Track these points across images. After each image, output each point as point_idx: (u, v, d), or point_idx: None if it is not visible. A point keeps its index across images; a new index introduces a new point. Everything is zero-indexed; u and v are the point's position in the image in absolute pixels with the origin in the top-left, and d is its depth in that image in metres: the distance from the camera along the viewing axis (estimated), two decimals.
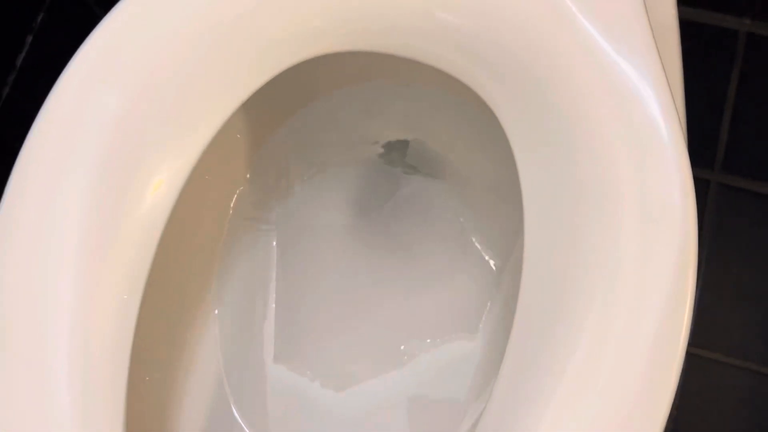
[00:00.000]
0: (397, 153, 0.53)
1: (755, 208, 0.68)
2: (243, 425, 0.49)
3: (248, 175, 0.51)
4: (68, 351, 0.30)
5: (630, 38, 0.33)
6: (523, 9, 0.33)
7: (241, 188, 0.50)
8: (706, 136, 0.71)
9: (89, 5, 0.71)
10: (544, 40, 0.33)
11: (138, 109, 0.30)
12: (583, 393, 0.30)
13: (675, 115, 0.31)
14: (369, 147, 0.53)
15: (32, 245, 0.30)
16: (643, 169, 0.32)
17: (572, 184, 0.33)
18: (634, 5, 0.32)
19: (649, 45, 0.32)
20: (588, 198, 0.33)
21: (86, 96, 0.31)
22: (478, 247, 0.50)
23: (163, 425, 0.44)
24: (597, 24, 0.33)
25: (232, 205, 0.50)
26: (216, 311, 0.49)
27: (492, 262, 0.48)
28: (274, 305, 0.51)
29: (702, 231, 0.68)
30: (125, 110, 0.30)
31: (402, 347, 0.49)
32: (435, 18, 0.32)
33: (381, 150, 0.53)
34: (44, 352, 0.30)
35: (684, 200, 0.31)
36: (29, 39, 0.64)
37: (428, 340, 0.49)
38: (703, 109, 0.71)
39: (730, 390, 0.65)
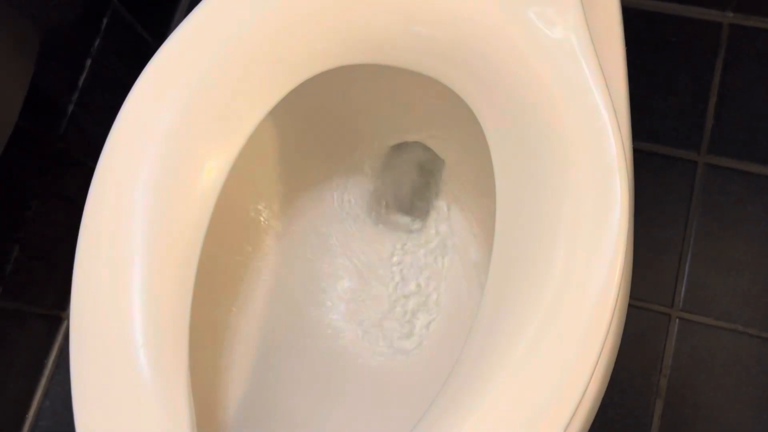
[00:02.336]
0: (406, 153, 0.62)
1: (739, 185, 0.74)
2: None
3: (278, 172, 0.60)
4: (141, 303, 0.39)
5: (574, 39, 0.40)
6: (486, 17, 0.41)
7: (273, 181, 0.60)
8: (694, 121, 0.77)
9: (138, 31, 0.80)
10: (507, 42, 0.41)
11: (188, 120, 0.39)
12: (552, 324, 0.37)
13: (610, 104, 0.39)
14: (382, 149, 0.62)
15: (112, 223, 0.40)
16: (590, 144, 0.39)
17: (535, 159, 0.40)
18: (575, 13, 0.40)
19: (588, 45, 0.40)
20: (549, 172, 0.40)
21: (148, 110, 0.40)
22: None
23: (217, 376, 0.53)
24: (549, 27, 0.41)
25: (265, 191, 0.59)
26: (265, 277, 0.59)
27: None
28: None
29: (690, 207, 0.75)
30: (179, 120, 0.39)
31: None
32: (410, 31, 0.41)
33: (394, 151, 0.62)
34: (120, 301, 0.39)
35: (620, 171, 0.39)
36: (88, 62, 0.73)
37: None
38: (690, 96, 0.78)
39: (718, 350, 0.71)
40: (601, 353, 0.36)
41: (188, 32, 0.40)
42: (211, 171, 0.40)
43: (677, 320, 0.72)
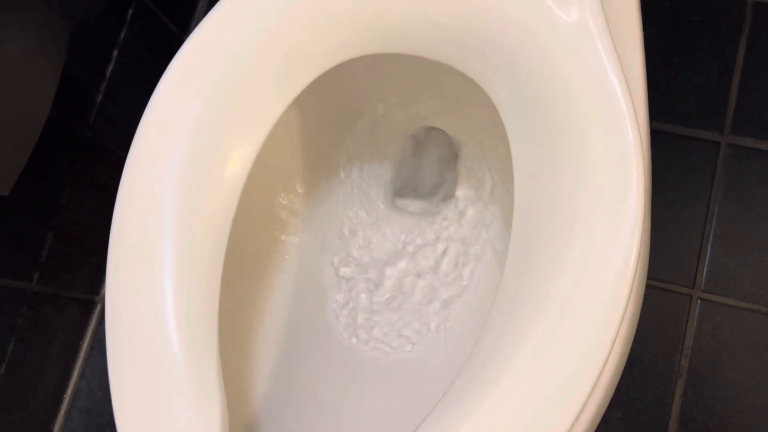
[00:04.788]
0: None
1: (762, 165, 0.74)
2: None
3: (301, 160, 0.62)
4: (171, 289, 0.41)
5: (591, 24, 0.41)
6: (502, 3, 0.41)
7: (296, 168, 0.61)
8: (717, 101, 0.76)
9: (163, 21, 0.82)
10: (524, 28, 0.41)
11: (214, 112, 0.41)
12: (569, 310, 0.38)
13: (627, 90, 0.39)
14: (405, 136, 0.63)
15: (143, 214, 0.41)
16: (607, 131, 0.40)
17: (553, 146, 0.41)
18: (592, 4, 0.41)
19: (604, 28, 0.40)
20: (567, 159, 0.41)
21: (175, 103, 0.41)
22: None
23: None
24: (565, 12, 0.41)
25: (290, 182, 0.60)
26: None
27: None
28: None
29: (713, 188, 0.74)
30: (205, 113, 0.41)
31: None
32: (430, 21, 0.42)
33: (413, 137, 0.63)
34: (152, 288, 0.41)
35: (636, 158, 0.39)
36: (115, 53, 0.75)
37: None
38: (713, 76, 0.77)
39: (740, 330, 0.71)
40: (616, 337, 0.37)
41: (212, 27, 0.42)
42: (237, 161, 0.42)
43: (699, 301, 0.72)
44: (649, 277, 0.72)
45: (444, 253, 0.61)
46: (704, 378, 0.70)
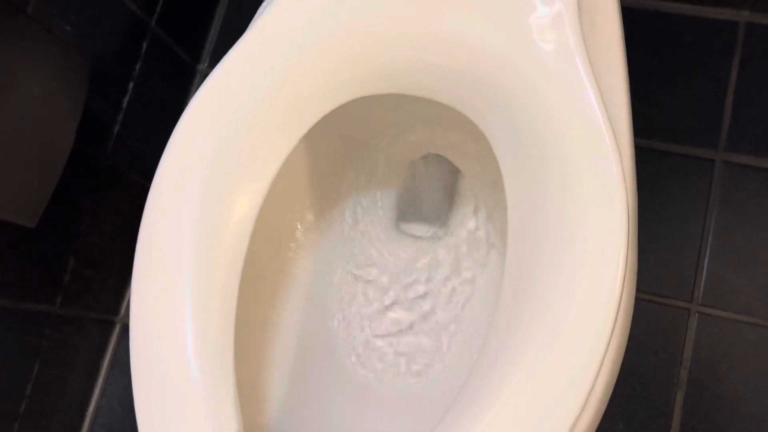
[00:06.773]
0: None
1: (757, 181, 0.76)
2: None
3: (310, 189, 0.65)
4: (191, 318, 0.44)
5: (573, 54, 0.43)
6: (488, 40, 0.44)
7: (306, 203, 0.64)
8: (711, 120, 0.78)
9: (176, 52, 0.85)
10: (507, 64, 0.44)
11: (223, 154, 0.44)
12: (560, 333, 0.41)
13: (606, 116, 0.42)
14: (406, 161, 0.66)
15: (163, 248, 0.44)
16: (590, 155, 0.42)
17: (542, 181, 0.44)
18: (573, 33, 0.43)
19: (586, 65, 0.43)
20: (556, 191, 0.43)
21: (192, 143, 0.45)
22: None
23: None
24: (549, 48, 0.44)
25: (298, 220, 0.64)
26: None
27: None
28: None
29: (709, 204, 0.77)
30: (221, 149, 0.44)
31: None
32: (424, 61, 0.45)
33: (414, 164, 0.66)
34: (172, 317, 0.44)
35: (620, 191, 0.42)
36: (131, 84, 0.78)
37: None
38: (707, 95, 0.79)
39: (738, 343, 0.73)
40: (604, 358, 0.39)
41: (223, 74, 0.45)
42: (246, 200, 0.45)
43: (697, 315, 0.74)
44: (647, 292, 0.75)
45: (448, 276, 0.63)
46: (703, 389, 0.72)
